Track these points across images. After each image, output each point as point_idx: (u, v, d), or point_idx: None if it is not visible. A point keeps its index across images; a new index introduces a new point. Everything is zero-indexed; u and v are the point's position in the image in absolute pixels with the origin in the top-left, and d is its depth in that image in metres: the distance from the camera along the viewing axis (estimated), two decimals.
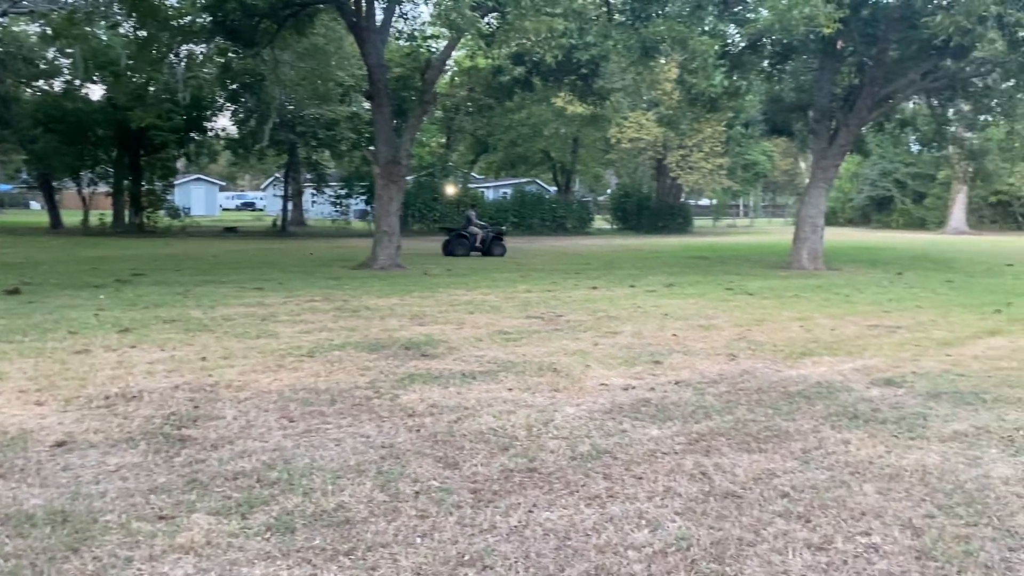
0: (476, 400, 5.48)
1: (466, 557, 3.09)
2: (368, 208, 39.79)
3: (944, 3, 12.95)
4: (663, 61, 25.41)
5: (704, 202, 61.41)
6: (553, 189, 48.09)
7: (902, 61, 18.51)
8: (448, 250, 22.35)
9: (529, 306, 10.68)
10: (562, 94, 28.30)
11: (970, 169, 27.92)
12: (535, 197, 41.17)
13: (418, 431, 4.75)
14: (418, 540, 3.25)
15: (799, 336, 8.51)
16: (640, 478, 4.02)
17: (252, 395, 5.55)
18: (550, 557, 3.11)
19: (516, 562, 3.06)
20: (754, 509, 3.63)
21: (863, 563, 3.12)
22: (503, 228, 26.39)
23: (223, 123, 36.09)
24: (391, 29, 20.16)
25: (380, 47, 16.90)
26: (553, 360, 6.94)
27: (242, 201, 76.75)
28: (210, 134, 35.15)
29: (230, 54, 21.45)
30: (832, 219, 55.23)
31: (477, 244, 22.39)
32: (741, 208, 71.98)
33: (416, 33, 22.00)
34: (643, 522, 3.46)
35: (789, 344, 7.98)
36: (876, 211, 56.54)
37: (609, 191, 52.87)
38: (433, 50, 21.39)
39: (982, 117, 24.14)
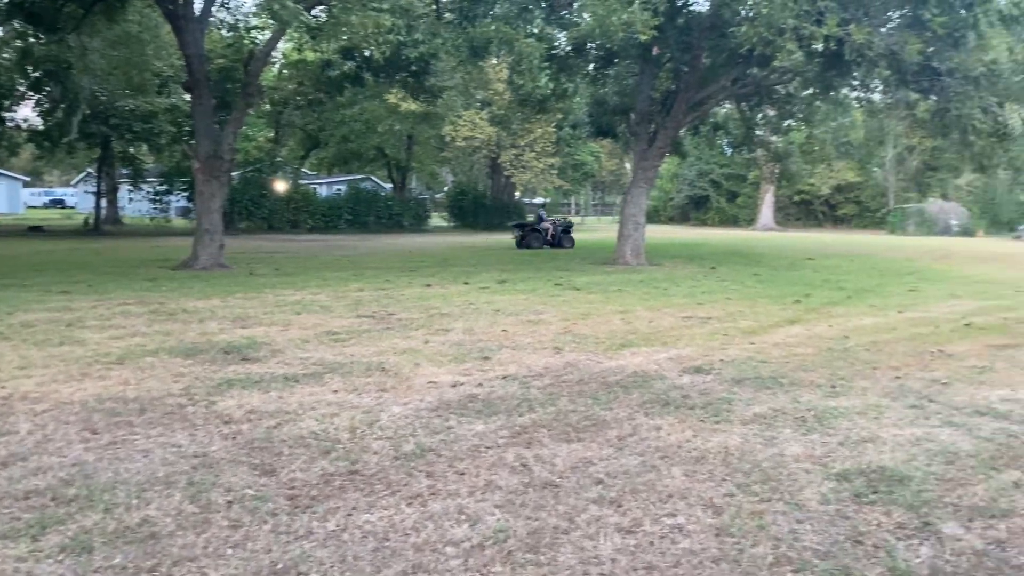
0: (298, 404, 5.33)
1: (279, 566, 3.00)
2: (190, 205, 37.85)
3: (749, 15, 13.91)
4: (494, 61, 25.86)
5: (538, 200, 62.89)
6: (389, 186, 47.66)
7: (714, 68, 19.75)
8: (524, 243, 24.93)
9: (361, 305, 10.53)
10: (394, 91, 28.09)
11: (776, 170, 30.28)
12: (370, 194, 40.66)
13: (234, 438, 4.57)
14: (229, 551, 3.12)
15: (620, 328, 8.89)
16: (463, 474, 4.06)
17: (51, 407, 5.13)
18: (367, 559, 3.08)
19: (332, 567, 3.00)
20: (570, 497, 3.76)
21: (668, 543, 3.30)
22: (571, 223, 28.36)
23: (26, 113, 33.16)
24: (212, 18, 19.26)
25: (199, 37, 16.09)
26: (382, 360, 6.88)
27: (51, 198, 70.84)
28: (10, 124, 32.13)
29: (31, 38, 19.73)
30: (654, 217, 58.07)
31: (548, 237, 25.15)
32: (573, 206, 74.36)
33: (239, 23, 21.13)
34: (463, 517, 3.50)
35: (611, 336, 8.32)
36: (694, 209, 60.10)
37: (446, 189, 53.07)
38: (257, 42, 20.60)
39: (786, 122, 26.23)
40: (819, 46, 12.82)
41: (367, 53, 17.14)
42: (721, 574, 3.03)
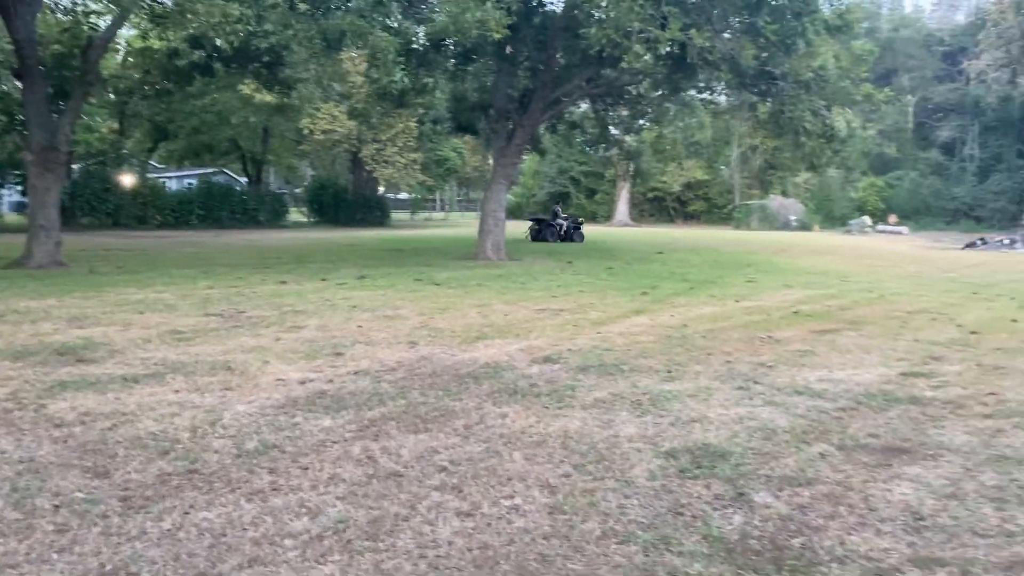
0: (137, 405, 5.15)
1: (108, 567, 2.93)
2: (24, 200, 35.18)
3: (598, 17, 14.40)
4: (354, 54, 25.47)
5: (404, 196, 62.43)
6: (244, 180, 46.01)
7: (569, 68, 20.30)
8: (540, 236, 27.28)
9: (209, 303, 10.18)
10: (247, 81, 27.17)
11: (630, 168, 31.40)
12: (223, 188, 39.07)
13: (65, 442, 4.37)
14: (55, 556, 3.01)
15: (476, 322, 9.04)
16: (306, 468, 4.06)
17: None
18: (202, 556, 3.05)
19: (165, 565, 2.96)
20: (413, 485, 3.84)
21: (504, 523, 3.44)
22: (581, 219, 30.72)
23: None
24: (46, 1, 18.02)
25: (30, 21, 14.99)
26: (229, 358, 6.71)
27: None
28: None
29: None
30: (518, 213, 58.97)
31: (561, 232, 27.25)
32: (438, 202, 74.30)
33: (76, 7, 19.81)
34: (303, 510, 3.51)
35: (466, 330, 8.45)
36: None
37: (306, 183, 51.78)
38: (96, 27, 19.41)
39: (638, 122, 27.31)
40: (664, 49, 13.43)
41: (217, 42, 16.50)
42: (551, 549, 3.20)
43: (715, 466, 4.22)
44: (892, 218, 47.37)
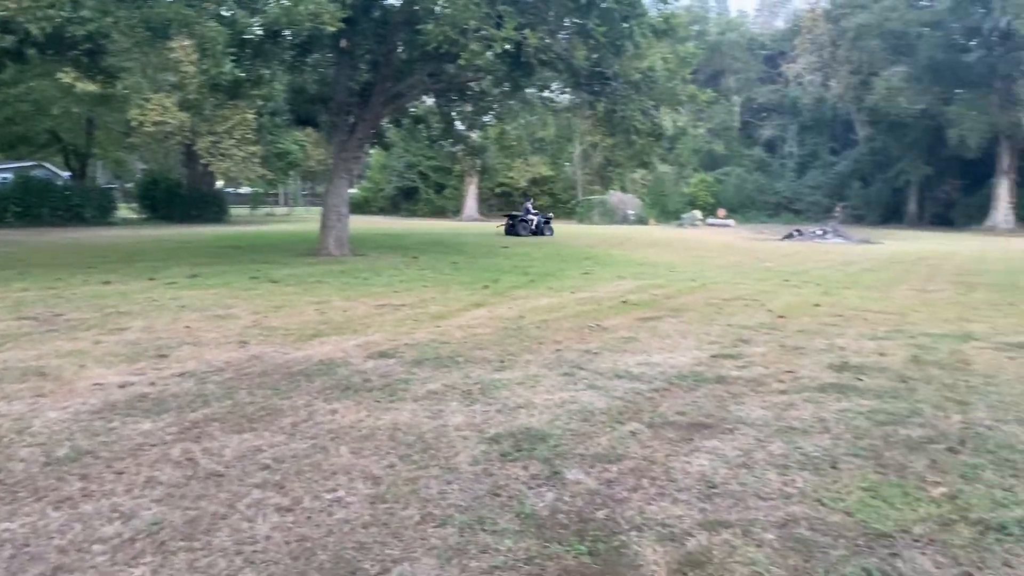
0: None
1: None
2: None
3: (436, 13, 14.51)
4: (186, 43, 24.23)
5: (245, 190, 60.12)
6: (67, 175, 42.85)
7: (411, 62, 20.26)
8: (513, 231, 29.35)
9: (23, 306, 9.52)
10: (67, 70, 25.33)
11: (475, 163, 31.72)
12: (43, 183, 36.20)
13: None
14: None
15: (313, 319, 8.95)
16: (121, 473, 3.95)
17: None
18: (2, 568, 2.93)
19: None
20: (233, 484, 3.83)
21: (325, 516, 3.51)
22: (551, 215, 33.27)
23: None
24: None
25: None
26: (42, 364, 6.34)
27: None
28: None
29: None
30: (365, 208, 58.30)
31: (533, 227, 29.03)
32: (282, 197, 72.05)
33: None
34: (116, 515, 3.44)
35: (302, 327, 8.36)
36: (404, 200, 61.03)
37: (137, 178, 48.83)
38: None
39: (482, 118, 27.63)
40: (499, 48, 13.71)
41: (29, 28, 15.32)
42: (370, 536, 3.30)
43: (535, 448, 4.45)
44: (721, 212, 50.31)
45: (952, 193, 49.13)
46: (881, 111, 40.88)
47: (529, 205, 32.27)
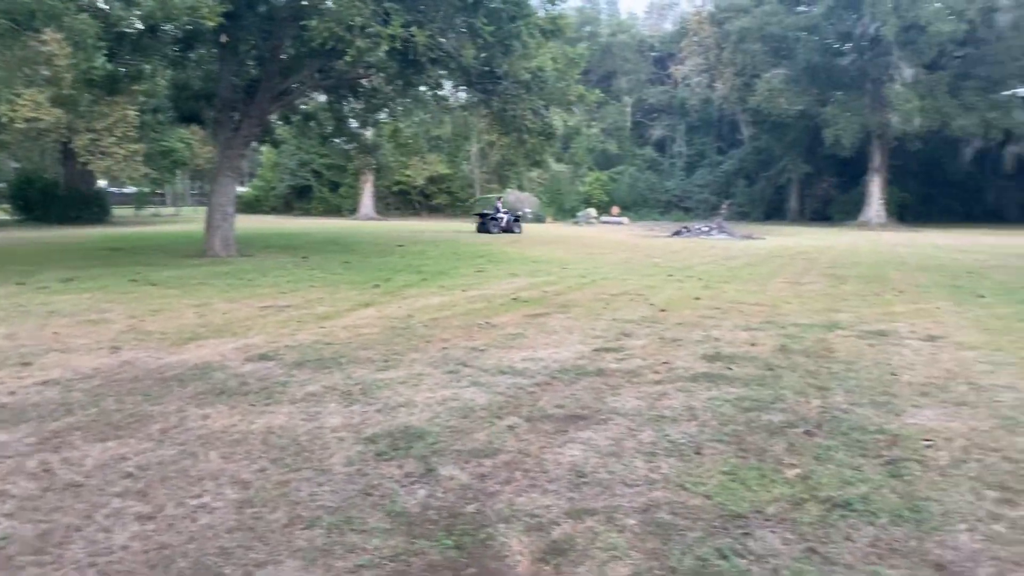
0: None
1: None
2: None
3: (320, 9, 14.27)
4: (57, 36, 22.94)
5: (131, 190, 57.52)
6: None
7: (299, 58, 19.84)
8: (484, 228, 31.20)
9: None
10: None
11: (368, 162, 31.35)
12: None
13: None
14: None
15: (191, 322, 8.68)
16: None
17: None
18: None
19: None
20: (92, 494, 3.69)
21: (188, 523, 3.42)
22: (519, 213, 35.14)
23: None
24: None
25: None
26: None
27: None
28: None
29: None
30: (257, 207, 56.78)
31: (503, 225, 30.97)
32: (169, 196, 69.28)
33: None
34: None
35: (179, 331, 8.09)
36: (298, 199, 59.71)
37: (10, 178, 45.97)
38: None
39: (374, 115, 27.31)
40: (385, 46, 13.60)
41: None
42: (234, 541, 3.24)
43: (412, 446, 4.46)
44: (615, 210, 51.45)
45: (830, 190, 51.79)
46: (763, 112, 42.69)
47: (499, 204, 34.11)
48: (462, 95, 25.79)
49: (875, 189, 45.09)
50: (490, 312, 9.78)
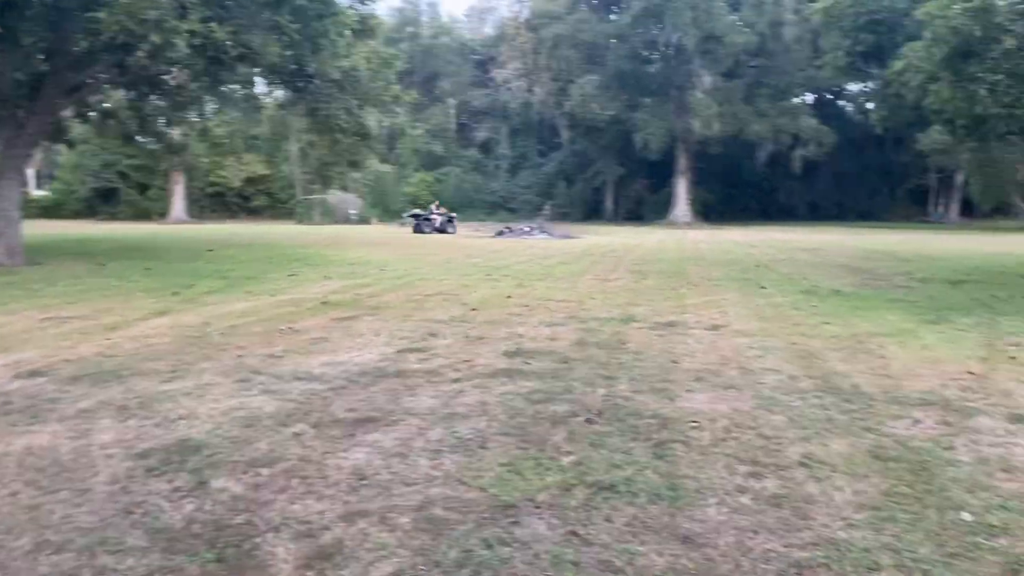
0: None
1: None
2: None
3: (110, 1, 13.35)
4: None
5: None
6: None
7: (92, 52, 18.47)
8: (418, 229, 32.92)
9: None
10: None
11: (178, 162, 29.73)
12: None
13: None
14: None
15: None
16: None
17: None
18: None
19: None
20: None
21: None
22: (453, 214, 36.27)
23: None
24: None
25: None
26: None
27: None
28: None
29: None
30: (57, 212, 52.31)
31: (436, 225, 32.63)
32: None
33: None
34: None
35: None
36: (103, 203, 55.57)
37: None
38: None
39: (181, 113, 25.87)
40: (182, 41, 12.94)
41: None
42: None
43: (186, 460, 4.27)
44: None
45: (642, 191, 54.64)
46: (578, 116, 44.29)
47: (433, 207, 36.34)
48: (280, 94, 25.02)
49: (682, 190, 48.02)
50: (295, 317, 9.54)
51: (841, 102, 58.33)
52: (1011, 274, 15.92)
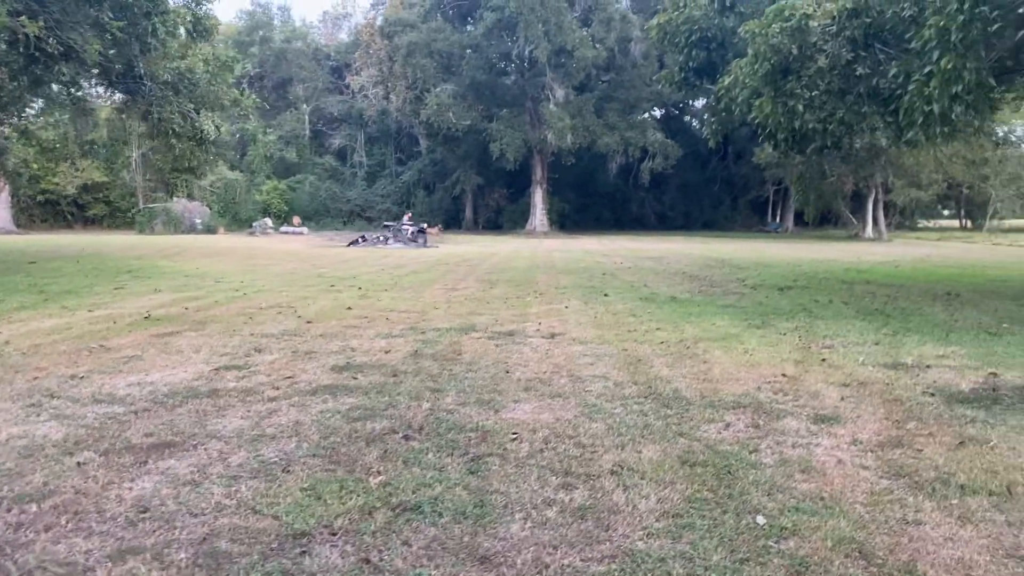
0: None
1: None
2: None
3: None
4: None
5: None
6: None
7: None
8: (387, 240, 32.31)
9: None
10: None
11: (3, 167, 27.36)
12: None
13: None
14: None
15: None
16: None
17: None
18: None
19: None
20: None
21: None
22: (424, 225, 35.95)
23: None
24: None
25: None
26: None
27: None
28: None
29: None
30: None
31: (408, 235, 32.27)
32: None
33: None
34: None
35: None
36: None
37: None
38: None
39: (9, 116, 23.85)
40: None
41: None
42: None
43: None
44: (296, 219, 50.22)
45: (501, 201, 55.16)
46: (434, 125, 44.18)
47: (406, 218, 36.48)
48: (119, 96, 23.47)
49: (538, 200, 48.81)
50: (111, 333, 8.86)
51: (687, 117, 61.20)
52: (833, 280, 17.05)
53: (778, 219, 58.88)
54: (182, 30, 15.45)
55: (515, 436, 4.96)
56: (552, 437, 4.96)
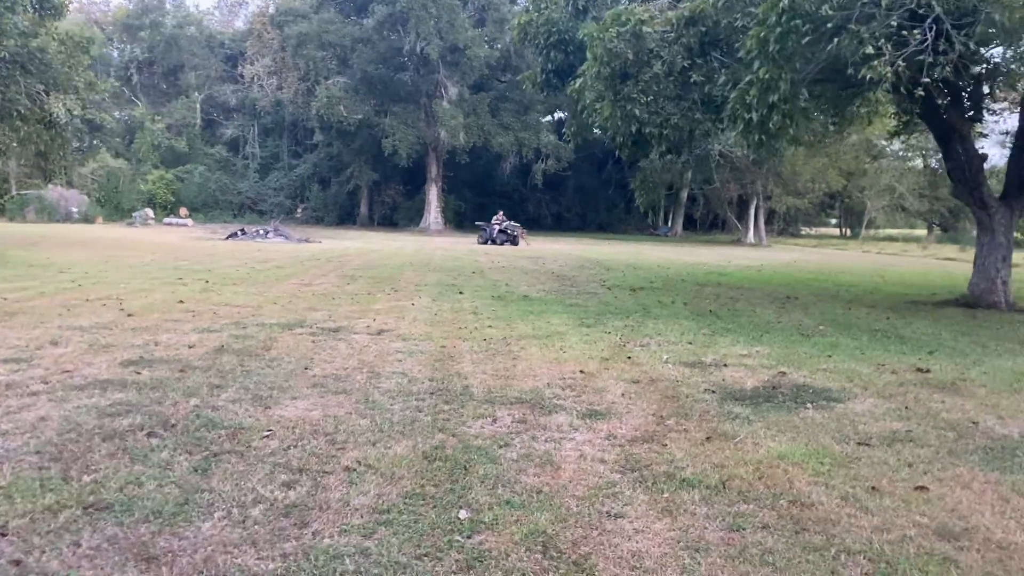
0: None
1: None
2: None
3: None
4: None
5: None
6: None
7: None
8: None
9: None
10: None
11: None
12: None
13: None
14: None
15: None
16: None
17: None
18: None
19: None
20: None
21: None
22: (518, 226, 35.74)
23: None
24: None
25: None
26: None
27: None
28: None
29: None
30: None
31: (503, 235, 33.60)
32: None
33: None
34: None
35: None
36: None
37: None
38: None
39: None
40: None
41: None
42: None
43: None
44: (183, 211, 48.45)
45: (396, 197, 54.60)
46: (325, 118, 43.38)
47: (497, 217, 35.58)
48: None
49: (433, 197, 48.59)
50: None
51: None
52: (690, 282, 17.56)
53: (669, 223, 60.41)
54: (28, 5, 14.61)
55: (268, 434, 4.84)
56: (308, 434, 4.87)
